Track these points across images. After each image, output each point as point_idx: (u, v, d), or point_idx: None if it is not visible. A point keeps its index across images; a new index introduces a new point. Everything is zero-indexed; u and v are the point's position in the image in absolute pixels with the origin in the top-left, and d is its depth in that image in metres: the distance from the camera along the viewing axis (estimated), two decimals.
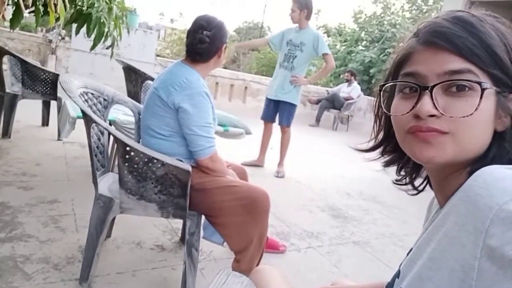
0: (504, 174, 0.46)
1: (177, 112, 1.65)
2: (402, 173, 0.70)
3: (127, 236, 2.12)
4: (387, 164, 0.71)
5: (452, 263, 0.46)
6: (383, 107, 0.63)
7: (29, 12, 1.86)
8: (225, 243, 1.85)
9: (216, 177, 1.70)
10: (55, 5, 1.68)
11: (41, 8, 2.08)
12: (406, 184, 0.70)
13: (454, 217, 0.48)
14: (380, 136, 0.69)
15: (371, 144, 0.70)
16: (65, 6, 1.80)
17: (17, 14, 1.96)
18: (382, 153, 0.70)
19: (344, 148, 6.28)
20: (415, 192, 0.71)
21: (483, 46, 0.53)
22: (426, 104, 0.53)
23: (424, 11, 11.89)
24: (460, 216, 0.47)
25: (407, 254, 0.62)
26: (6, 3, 1.47)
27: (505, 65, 0.53)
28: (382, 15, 11.94)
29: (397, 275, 0.62)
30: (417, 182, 0.71)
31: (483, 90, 0.52)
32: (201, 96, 1.65)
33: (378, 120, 0.68)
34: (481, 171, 0.48)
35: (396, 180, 0.71)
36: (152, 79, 3.45)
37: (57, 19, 2.13)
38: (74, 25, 2.74)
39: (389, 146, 0.68)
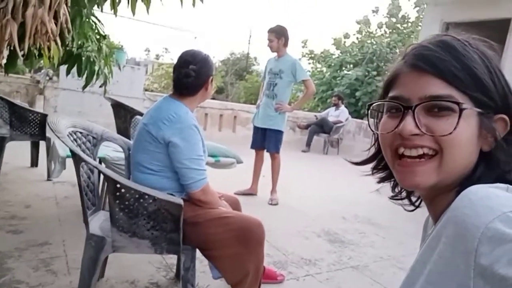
0: (489, 192, 0.47)
1: (167, 147, 1.65)
2: (397, 189, 0.71)
3: (121, 275, 2.06)
4: (381, 180, 0.72)
5: (449, 284, 0.46)
6: (369, 125, 0.66)
7: (22, 55, 1.88)
8: (220, 281, 1.82)
9: (209, 210, 1.69)
10: (49, 48, 1.71)
11: (36, 52, 2.11)
12: (402, 199, 0.71)
13: (445, 239, 0.48)
14: (373, 152, 0.71)
15: (365, 158, 0.72)
16: (58, 48, 1.83)
17: (12, 59, 1.98)
18: (374, 170, 0.72)
19: (337, 171, 6.29)
20: (412, 208, 0.71)
21: (465, 69, 0.55)
22: (408, 124, 0.55)
23: (404, 33, 12.25)
24: (450, 238, 0.47)
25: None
26: (3, 51, 1.50)
27: (487, 88, 0.55)
28: (362, 39, 12.29)
29: None
30: (414, 197, 0.71)
31: (461, 110, 0.53)
32: (190, 129, 1.66)
33: (373, 137, 0.70)
34: (467, 191, 0.49)
35: (392, 197, 0.72)
36: (141, 114, 3.47)
37: (51, 61, 2.15)
38: (64, 66, 2.77)
39: (382, 163, 0.70)
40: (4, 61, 1.98)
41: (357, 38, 12.48)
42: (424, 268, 0.52)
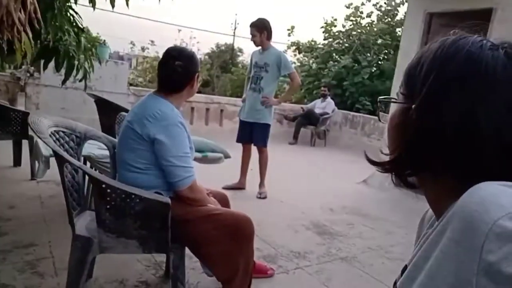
0: (498, 190, 0.47)
1: (152, 144, 1.63)
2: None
3: (110, 274, 2.04)
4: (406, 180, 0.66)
5: (451, 280, 0.45)
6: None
7: None
8: (211, 278, 1.82)
9: (198, 207, 1.67)
10: (19, 40, 1.64)
11: (5, 47, 2.03)
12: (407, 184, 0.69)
13: (450, 234, 0.48)
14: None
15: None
16: (29, 41, 1.77)
17: None
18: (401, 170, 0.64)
19: (324, 163, 6.33)
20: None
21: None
22: None
23: (392, 24, 12.25)
24: (456, 232, 0.47)
25: (402, 271, 0.62)
26: None
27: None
28: (349, 29, 12.25)
29: None
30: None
31: None
32: (176, 127, 1.64)
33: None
34: (476, 187, 0.48)
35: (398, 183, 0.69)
36: (126, 110, 3.41)
37: (24, 56, 2.08)
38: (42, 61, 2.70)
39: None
40: None
41: (343, 26, 12.39)
42: (425, 263, 0.51)
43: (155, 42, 18.74)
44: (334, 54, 11.80)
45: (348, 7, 12.39)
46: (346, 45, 11.45)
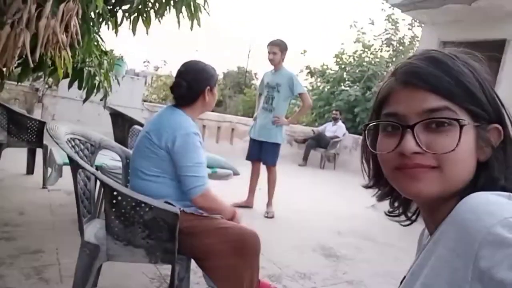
0: (491, 199, 0.48)
1: (168, 153, 1.67)
2: (396, 204, 0.71)
3: (114, 285, 2.04)
4: (381, 198, 0.71)
5: (446, 287, 0.46)
6: (368, 146, 0.65)
7: (33, 64, 1.93)
8: None
9: (206, 220, 1.68)
10: (60, 59, 1.76)
11: (49, 62, 2.14)
12: (398, 215, 0.71)
13: (445, 242, 0.49)
14: (371, 173, 0.70)
15: (368, 181, 0.71)
16: (69, 58, 1.88)
17: (25, 69, 2.02)
18: (375, 187, 0.71)
19: (333, 186, 6.30)
20: (408, 222, 0.71)
21: (457, 83, 0.55)
22: (409, 143, 0.55)
23: (401, 50, 12.35)
24: (450, 241, 0.48)
25: (401, 282, 0.62)
26: (15, 58, 1.55)
27: (480, 100, 0.56)
28: (361, 55, 12.36)
29: None
30: (409, 213, 0.72)
31: (461, 126, 0.54)
32: (190, 137, 1.68)
33: (366, 158, 0.70)
34: (469, 197, 0.50)
35: (389, 212, 0.72)
36: (139, 124, 3.48)
37: (66, 75, 2.19)
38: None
39: (381, 181, 0.69)
40: (19, 70, 2.03)
41: (355, 52, 12.50)
42: (421, 272, 0.52)
43: (168, 61, 19.17)
44: (346, 81, 11.89)
45: (352, 26, 12.56)
46: (358, 75, 11.52)
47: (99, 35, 2.81)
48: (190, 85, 1.78)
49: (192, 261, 1.69)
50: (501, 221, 0.44)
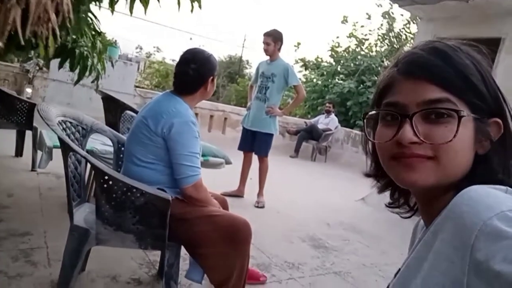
0: (489, 192, 0.48)
1: (163, 140, 1.65)
2: (396, 196, 0.70)
3: (103, 269, 2.03)
4: (381, 190, 0.70)
5: (443, 280, 0.46)
6: (366, 134, 0.65)
7: (23, 40, 1.86)
8: (203, 281, 1.81)
9: (198, 207, 1.68)
10: (47, 38, 1.70)
11: (33, 40, 2.08)
12: (399, 206, 0.71)
13: (442, 235, 0.49)
14: (371, 163, 0.69)
15: (369, 171, 0.71)
16: (55, 39, 1.83)
17: (10, 46, 1.97)
18: (375, 178, 0.70)
19: (323, 178, 6.33)
20: (409, 214, 0.71)
21: (459, 75, 0.55)
22: (407, 132, 0.55)
23: (396, 46, 12.39)
24: (447, 233, 0.48)
25: (395, 275, 0.62)
26: (6, 34, 1.50)
27: (481, 92, 0.56)
28: (356, 49, 12.37)
29: None
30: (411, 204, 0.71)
31: (460, 117, 0.54)
32: (187, 125, 1.66)
33: (367, 148, 0.69)
34: (466, 190, 0.50)
35: (389, 204, 0.72)
36: (132, 109, 3.44)
37: (46, 52, 2.12)
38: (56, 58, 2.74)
39: (380, 172, 0.69)
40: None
41: (349, 47, 12.51)
42: (420, 265, 0.52)
43: (161, 48, 19.00)
44: (340, 74, 11.90)
45: (344, 22, 12.54)
46: (352, 68, 11.53)
47: (93, 13, 2.74)
48: (196, 74, 1.75)
49: (182, 248, 1.69)
50: (498, 214, 0.44)
